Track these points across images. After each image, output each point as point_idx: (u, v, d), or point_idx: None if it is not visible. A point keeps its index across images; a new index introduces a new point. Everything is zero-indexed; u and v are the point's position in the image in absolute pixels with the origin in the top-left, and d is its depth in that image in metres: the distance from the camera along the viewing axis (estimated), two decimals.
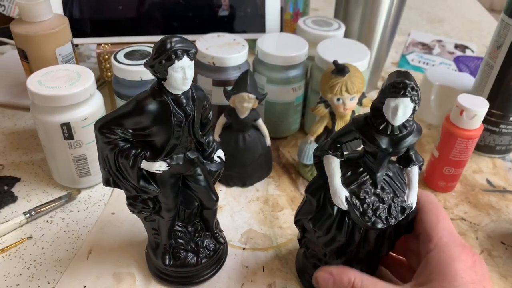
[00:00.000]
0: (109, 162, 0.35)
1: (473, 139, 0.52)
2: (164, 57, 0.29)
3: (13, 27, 0.53)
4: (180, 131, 0.33)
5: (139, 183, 0.35)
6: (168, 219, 0.39)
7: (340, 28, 0.66)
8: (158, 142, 0.33)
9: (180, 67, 0.29)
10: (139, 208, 0.39)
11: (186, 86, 0.31)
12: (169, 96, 0.31)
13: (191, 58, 0.30)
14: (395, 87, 0.30)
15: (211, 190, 0.39)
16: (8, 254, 0.46)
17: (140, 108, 0.31)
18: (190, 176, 0.38)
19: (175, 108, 0.32)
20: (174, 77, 0.30)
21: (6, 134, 0.62)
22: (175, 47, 0.29)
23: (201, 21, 0.65)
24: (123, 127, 0.32)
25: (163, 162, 0.34)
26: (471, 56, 0.94)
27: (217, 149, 0.39)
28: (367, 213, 0.34)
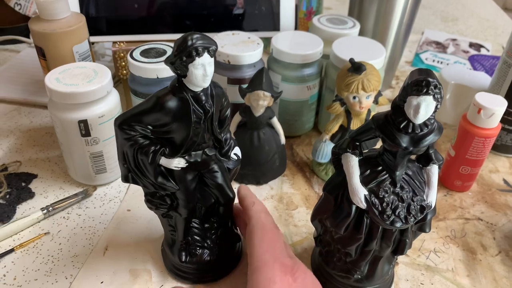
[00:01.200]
0: (128, 158, 0.35)
1: (491, 138, 0.51)
2: (185, 54, 0.29)
3: (32, 25, 0.53)
4: (199, 128, 0.33)
5: (157, 179, 0.35)
6: (185, 215, 0.40)
7: (355, 26, 0.66)
8: (177, 139, 0.34)
9: (201, 64, 0.30)
10: (157, 204, 0.39)
11: (206, 83, 0.31)
12: (189, 93, 0.32)
13: (211, 55, 0.30)
14: (418, 85, 0.29)
15: (228, 187, 0.39)
16: (26, 250, 0.46)
17: (160, 104, 0.32)
18: (207, 172, 0.38)
19: (195, 105, 0.32)
20: (195, 74, 0.30)
21: (23, 131, 0.63)
22: (196, 44, 0.29)
23: (216, 19, 0.65)
24: (143, 124, 0.33)
25: (181, 159, 0.35)
26: (486, 55, 0.93)
27: (234, 146, 0.39)
28: (386, 212, 0.34)
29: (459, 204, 0.55)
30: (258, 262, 0.33)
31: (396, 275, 0.45)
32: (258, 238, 0.35)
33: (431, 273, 0.46)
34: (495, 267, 0.47)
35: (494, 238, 0.51)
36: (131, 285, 0.43)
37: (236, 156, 0.39)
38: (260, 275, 0.32)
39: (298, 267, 0.34)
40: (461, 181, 0.55)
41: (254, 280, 0.32)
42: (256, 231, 0.35)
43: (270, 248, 0.34)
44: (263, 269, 0.32)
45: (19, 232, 0.48)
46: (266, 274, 0.32)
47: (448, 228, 0.51)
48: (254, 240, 0.35)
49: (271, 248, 0.34)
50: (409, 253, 0.48)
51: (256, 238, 0.35)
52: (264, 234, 0.35)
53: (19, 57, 0.79)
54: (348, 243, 0.38)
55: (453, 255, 0.48)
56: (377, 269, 0.41)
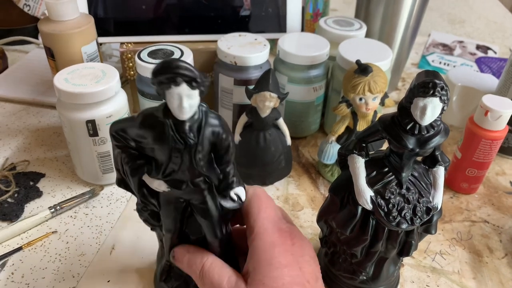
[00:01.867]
0: (118, 164, 0.34)
1: (498, 141, 0.51)
2: (161, 79, 0.27)
3: (41, 26, 0.54)
4: (179, 158, 0.30)
5: (139, 192, 0.34)
6: (168, 238, 0.37)
7: (361, 28, 0.66)
8: (159, 160, 0.31)
9: (177, 93, 0.27)
10: (145, 216, 0.37)
11: (183, 115, 0.28)
12: (170, 119, 0.29)
13: (191, 87, 0.27)
14: (424, 87, 0.29)
15: (216, 226, 0.34)
16: (34, 248, 0.47)
17: (142, 122, 0.30)
18: (194, 205, 0.34)
19: (174, 133, 0.29)
20: (171, 102, 0.28)
21: (31, 131, 0.64)
22: (174, 72, 0.27)
23: (223, 21, 0.65)
24: (128, 136, 0.31)
25: (162, 182, 0.32)
26: (493, 57, 0.92)
27: (238, 185, 0.34)
28: (392, 213, 0.34)
29: (465, 207, 0.55)
30: (259, 229, 0.33)
31: (402, 277, 0.45)
32: (256, 207, 0.35)
33: (437, 275, 0.46)
34: (501, 269, 0.47)
35: (501, 241, 0.50)
36: (137, 284, 0.43)
37: (237, 197, 0.35)
38: (261, 240, 0.33)
39: (296, 233, 0.35)
40: (467, 183, 0.55)
41: (256, 246, 0.33)
42: (253, 201, 0.35)
43: (268, 215, 0.34)
44: (264, 235, 0.33)
45: (27, 231, 0.48)
46: (267, 239, 0.33)
47: (454, 230, 0.51)
48: (252, 208, 0.35)
49: (269, 215, 0.35)
50: (415, 255, 0.48)
51: (254, 206, 0.35)
52: (261, 203, 0.35)
53: (28, 58, 0.80)
54: (354, 244, 0.38)
55: (459, 258, 0.48)
56: (383, 270, 0.41)
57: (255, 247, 0.33)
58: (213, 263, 0.34)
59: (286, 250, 0.32)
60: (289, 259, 0.32)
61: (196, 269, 0.34)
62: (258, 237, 0.33)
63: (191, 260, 0.35)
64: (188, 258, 0.35)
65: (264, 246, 0.32)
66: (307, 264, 0.33)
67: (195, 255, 0.35)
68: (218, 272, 0.33)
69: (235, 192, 0.34)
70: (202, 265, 0.34)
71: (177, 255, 0.36)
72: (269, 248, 0.32)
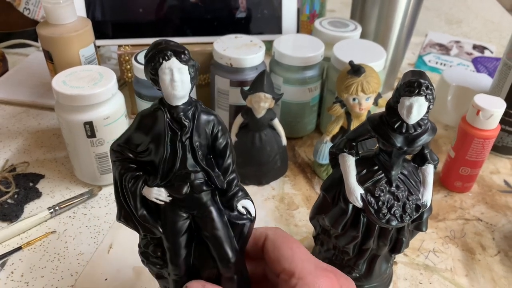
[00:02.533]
0: (118, 187, 0.32)
1: (490, 140, 0.52)
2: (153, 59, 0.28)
3: (39, 29, 0.55)
4: (177, 148, 0.29)
5: (139, 212, 0.31)
6: (174, 277, 0.32)
7: (356, 29, 0.66)
8: (155, 161, 0.30)
9: (168, 67, 0.28)
10: (149, 257, 0.34)
11: (176, 91, 0.28)
12: (166, 107, 0.29)
13: (181, 61, 0.28)
14: (410, 86, 0.30)
15: (224, 245, 0.31)
16: (33, 248, 0.48)
17: (139, 120, 0.30)
18: (200, 218, 0.31)
19: (169, 118, 0.29)
20: (163, 79, 0.28)
21: (30, 133, 0.65)
22: (163, 47, 0.28)
23: (219, 23, 0.66)
24: (130, 144, 0.30)
25: (162, 189, 0.30)
26: (490, 57, 0.93)
27: (243, 197, 0.32)
28: (381, 210, 0.35)
29: (459, 205, 0.55)
30: (301, 272, 0.29)
31: (395, 274, 0.46)
32: (287, 248, 0.31)
33: (430, 273, 0.46)
34: (493, 267, 0.47)
35: (494, 239, 0.51)
36: (134, 282, 0.44)
37: (245, 210, 0.32)
38: (307, 286, 0.28)
39: (339, 273, 0.31)
40: (461, 182, 0.56)
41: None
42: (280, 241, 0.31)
43: (305, 256, 0.30)
44: (308, 279, 0.29)
45: (26, 231, 0.49)
46: (314, 284, 0.29)
47: (448, 228, 0.52)
48: (282, 250, 0.31)
49: (306, 255, 0.30)
50: (408, 253, 0.49)
51: (284, 248, 0.31)
52: (290, 243, 0.31)
53: (28, 61, 0.81)
54: (346, 241, 0.38)
55: (452, 255, 0.49)
56: (375, 267, 0.41)
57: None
58: None
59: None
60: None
61: None
62: (303, 281, 0.29)
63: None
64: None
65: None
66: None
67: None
68: None
69: (243, 205, 0.32)
70: None
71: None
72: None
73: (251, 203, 0.32)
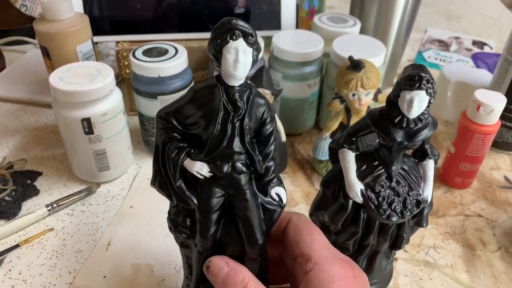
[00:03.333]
0: (158, 153, 0.32)
1: (490, 135, 0.51)
2: (219, 36, 0.27)
3: (36, 25, 0.54)
4: (227, 128, 0.29)
5: (177, 183, 0.31)
6: (200, 248, 0.33)
7: (355, 25, 0.66)
8: (203, 136, 0.30)
9: (234, 47, 0.27)
10: (177, 225, 0.34)
11: (238, 72, 0.28)
12: (222, 85, 0.29)
13: (248, 43, 0.28)
14: (411, 80, 0.30)
15: (256, 226, 0.31)
16: (32, 245, 0.47)
17: (193, 94, 0.30)
18: (235, 197, 0.31)
19: (225, 98, 0.29)
20: (226, 58, 0.28)
21: (28, 130, 0.64)
22: (232, 26, 0.27)
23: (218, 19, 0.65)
24: (179, 115, 0.30)
25: (204, 164, 0.30)
26: (489, 52, 0.92)
27: (277, 184, 0.32)
28: (382, 206, 0.35)
29: (459, 201, 0.55)
30: (318, 258, 0.30)
31: (395, 271, 0.46)
32: (309, 233, 0.31)
33: (430, 269, 0.46)
34: (494, 263, 0.47)
35: (494, 235, 0.51)
36: (133, 279, 0.44)
37: (278, 197, 0.32)
38: (322, 272, 0.29)
39: (354, 264, 0.31)
40: (461, 178, 0.56)
41: (316, 277, 0.29)
42: (302, 226, 0.32)
43: (324, 243, 0.31)
44: (324, 265, 0.29)
45: (24, 228, 0.49)
46: (329, 270, 0.29)
47: (448, 224, 0.52)
48: (304, 235, 0.31)
49: (325, 243, 0.31)
50: (409, 249, 0.48)
51: (305, 233, 0.31)
52: (312, 229, 0.32)
53: (25, 58, 0.80)
54: (346, 237, 0.38)
55: (452, 251, 0.48)
56: (375, 264, 0.41)
57: (315, 279, 0.29)
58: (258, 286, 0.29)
59: (350, 285, 0.29)
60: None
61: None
62: (318, 267, 0.29)
63: (230, 277, 0.30)
64: (227, 273, 0.30)
65: (327, 279, 0.29)
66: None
67: (236, 271, 0.30)
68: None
69: (276, 192, 0.32)
70: (244, 285, 0.29)
71: (213, 267, 0.31)
72: (332, 281, 0.29)
73: (284, 191, 0.33)
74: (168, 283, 0.44)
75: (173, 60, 0.53)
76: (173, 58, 0.53)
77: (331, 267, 0.29)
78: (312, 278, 0.29)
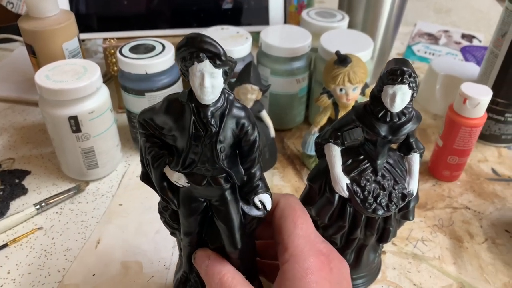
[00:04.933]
0: (142, 154, 0.32)
1: (477, 128, 0.52)
2: (183, 55, 0.26)
3: (21, 23, 0.54)
4: (199, 147, 0.28)
5: (160, 186, 0.31)
6: (186, 243, 0.34)
7: (343, 19, 0.66)
8: (179, 150, 0.29)
9: (199, 70, 0.26)
10: (165, 218, 0.35)
11: (205, 95, 0.26)
12: (193, 102, 0.27)
13: (215, 65, 0.26)
14: (393, 74, 0.30)
15: (236, 233, 0.31)
16: (20, 244, 0.47)
17: (166, 107, 0.28)
18: (214, 206, 0.31)
19: (196, 118, 0.27)
20: (193, 80, 0.26)
21: (16, 129, 0.64)
22: (196, 47, 0.25)
23: (206, 14, 0.65)
24: (153, 123, 0.29)
25: (182, 176, 0.30)
26: (478, 46, 0.93)
27: (264, 191, 0.32)
28: (367, 200, 0.35)
29: (447, 194, 0.56)
30: (294, 249, 0.30)
31: (384, 264, 0.46)
32: (291, 221, 0.31)
33: (418, 261, 0.47)
34: (481, 254, 0.48)
35: (481, 226, 0.51)
36: (122, 276, 0.44)
37: (261, 204, 0.31)
38: (297, 264, 0.29)
39: (334, 256, 0.31)
40: (449, 171, 0.56)
41: (290, 270, 0.29)
42: (287, 213, 0.31)
43: (304, 232, 0.31)
44: (299, 257, 0.29)
45: (12, 228, 0.49)
46: (303, 263, 0.29)
47: (436, 217, 0.52)
48: (286, 222, 0.31)
49: (306, 232, 0.31)
50: (397, 242, 0.49)
51: (289, 220, 0.31)
52: (296, 217, 0.31)
53: (13, 56, 0.80)
54: (333, 231, 0.38)
55: (440, 244, 0.49)
56: (363, 257, 0.41)
57: (289, 271, 0.29)
58: (234, 278, 0.30)
59: (323, 278, 0.29)
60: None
61: (212, 281, 0.31)
62: (293, 259, 0.29)
63: (209, 268, 0.31)
64: (207, 265, 0.32)
65: (300, 272, 0.29)
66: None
67: (215, 264, 0.31)
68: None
69: (260, 199, 0.31)
70: (220, 277, 0.30)
71: (197, 259, 0.33)
72: (305, 275, 0.29)
73: (269, 197, 0.32)
74: (157, 280, 0.44)
75: (160, 56, 0.53)
76: (160, 54, 0.53)
77: (306, 260, 0.29)
78: (287, 271, 0.29)
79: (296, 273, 0.29)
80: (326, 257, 0.30)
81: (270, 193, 0.32)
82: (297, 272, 0.29)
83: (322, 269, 0.29)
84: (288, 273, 0.29)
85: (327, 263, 0.30)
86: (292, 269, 0.29)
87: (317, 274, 0.29)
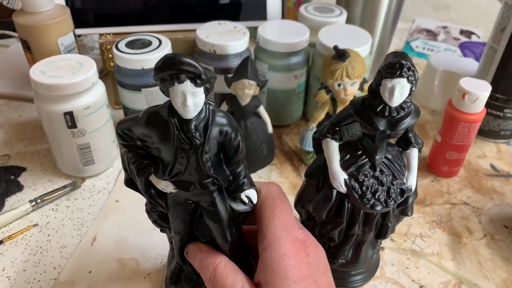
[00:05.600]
0: (124, 162, 0.32)
1: (476, 123, 0.51)
2: (163, 76, 0.26)
3: (16, 18, 0.53)
4: (185, 159, 0.29)
5: (146, 193, 0.32)
6: (177, 240, 0.35)
7: (342, 15, 0.66)
8: (165, 161, 0.30)
9: (180, 91, 0.26)
10: (154, 218, 0.35)
11: (188, 113, 0.27)
12: (175, 117, 0.27)
13: (196, 84, 0.26)
14: (391, 68, 0.29)
15: (226, 229, 0.33)
16: (15, 241, 0.47)
17: (146, 120, 0.28)
18: (203, 207, 0.32)
19: (180, 133, 0.28)
20: (174, 100, 0.26)
21: (12, 125, 0.63)
22: (176, 68, 0.25)
23: (203, 9, 0.65)
24: (134, 135, 0.29)
25: (169, 183, 0.30)
26: (477, 41, 0.93)
27: (249, 187, 0.33)
28: (366, 195, 0.34)
29: (446, 190, 0.55)
30: (272, 237, 0.31)
31: (382, 260, 0.46)
32: (270, 210, 0.32)
33: (417, 257, 0.46)
34: (480, 250, 0.48)
35: (480, 222, 0.51)
36: (118, 273, 0.43)
37: (248, 199, 0.33)
38: (274, 250, 0.30)
39: (310, 242, 0.32)
40: (448, 166, 0.56)
41: (268, 257, 0.30)
42: (267, 202, 0.33)
43: (282, 221, 0.32)
44: (276, 244, 0.31)
45: (7, 224, 0.48)
46: (280, 249, 0.30)
47: (435, 213, 0.52)
48: (265, 211, 0.32)
49: (283, 221, 0.32)
50: (395, 238, 0.48)
51: (267, 209, 0.32)
52: (275, 205, 0.32)
53: (8, 51, 0.79)
54: (331, 227, 0.38)
55: (438, 240, 0.49)
56: (361, 253, 0.41)
57: (267, 258, 0.30)
58: (227, 267, 0.32)
59: (300, 262, 0.30)
60: (304, 272, 0.30)
61: (207, 271, 0.32)
62: (271, 246, 0.31)
63: (203, 261, 0.33)
64: (201, 257, 0.33)
65: (277, 257, 0.30)
66: (323, 275, 0.32)
67: (208, 256, 0.33)
68: (231, 278, 0.31)
69: (246, 195, 0.33)
70: (214, 267, 0.32)
71: (190, 253, 0.35)
72: (282, 260, 0.30)
73: (255, 192, 0.33)
74: (154, 277, 0.43)
75: (156, 51, 0.52)
76: (156, 49, 0.53)
77: (282, 246, 0.31)
78: (265, 258, 0.31)
79: (274, 259, 0.30)
80: (303, 243, 0.32)
81: (255, 187, 0.33)
82: (275, 258, 0.30)
83: (298, 254, 0.31)
84: (266, 260, 0.30)
85: (303, 248, 0.31)
86: (269, 256, 0.30)
87: (294, 259, 0.30)
